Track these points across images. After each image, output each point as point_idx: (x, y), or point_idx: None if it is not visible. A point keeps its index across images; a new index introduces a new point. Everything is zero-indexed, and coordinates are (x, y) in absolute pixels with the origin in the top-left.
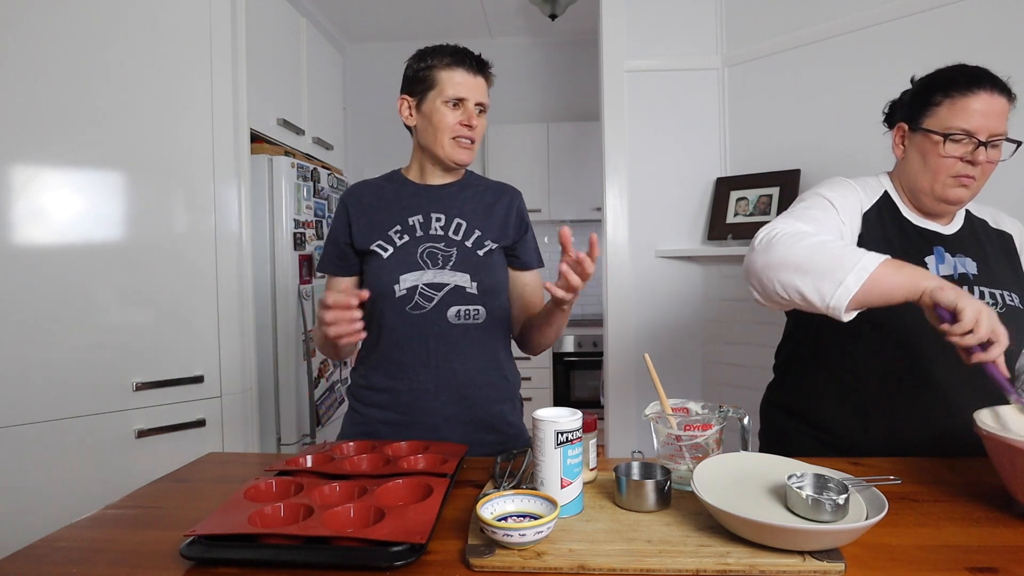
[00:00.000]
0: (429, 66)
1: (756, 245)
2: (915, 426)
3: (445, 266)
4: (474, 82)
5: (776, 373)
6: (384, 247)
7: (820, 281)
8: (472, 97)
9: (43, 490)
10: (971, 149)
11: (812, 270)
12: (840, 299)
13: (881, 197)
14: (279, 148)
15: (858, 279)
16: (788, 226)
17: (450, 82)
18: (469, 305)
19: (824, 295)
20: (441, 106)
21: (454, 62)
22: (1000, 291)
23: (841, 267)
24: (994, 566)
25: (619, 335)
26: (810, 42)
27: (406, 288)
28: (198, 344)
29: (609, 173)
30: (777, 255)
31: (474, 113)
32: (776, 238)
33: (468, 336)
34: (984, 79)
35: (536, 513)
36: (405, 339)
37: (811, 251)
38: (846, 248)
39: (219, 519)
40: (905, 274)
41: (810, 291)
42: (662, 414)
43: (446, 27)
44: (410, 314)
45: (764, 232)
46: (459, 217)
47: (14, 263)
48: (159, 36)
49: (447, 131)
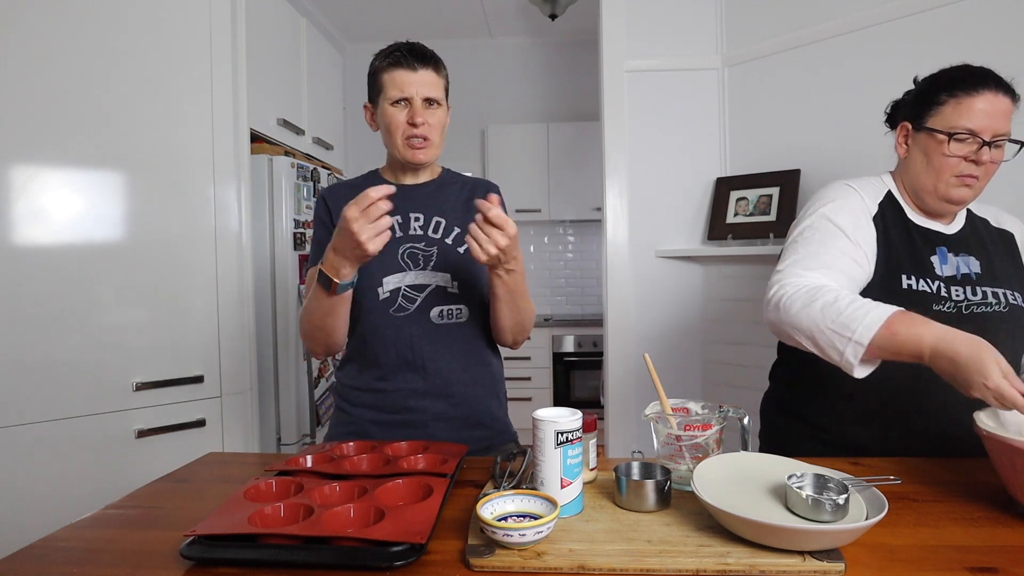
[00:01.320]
0: (375, 69)
1: (768, 306)
2: (914, 426)
3: (426, 266)
4: (415, 77)
5: (775, 373)
6: None
7: (827, 351)
8: (417, 94)
9: (43, 490)
10: (975, 149)
11: (816, 340)
12: (848, 367)
13: (885, 198)
14: (279, 148)
15: (855, 353)
16: (795, 280)
17: (391, 83)
18: (451, 305)
19: (834, 359)
20: (388, 108)
21: (392, 62)
22: (1003, 290)
23: (840, 340)
24: (994, 566)
25: (619, 335)
26: (810, 42)
27: (389, 291)
28: (198, 344)
29: (609, 173)
30: (787, 321)
31: (419, 109)
32: (784, 302)
33: (452, 335)
34: (989, 79)
35: (536, 513)
36: (390, 341)
37: (812, 320)
38: (845, 312)
39: (219, 519)
40: (903, 338)
41: (823, 355)
42: (662, 414)
43: (446, 27)
44: (393, 316)
45: (774, 291)
46: (438, 215)
47: (14, 263)
48: (159, 36)
49: (397, 132)
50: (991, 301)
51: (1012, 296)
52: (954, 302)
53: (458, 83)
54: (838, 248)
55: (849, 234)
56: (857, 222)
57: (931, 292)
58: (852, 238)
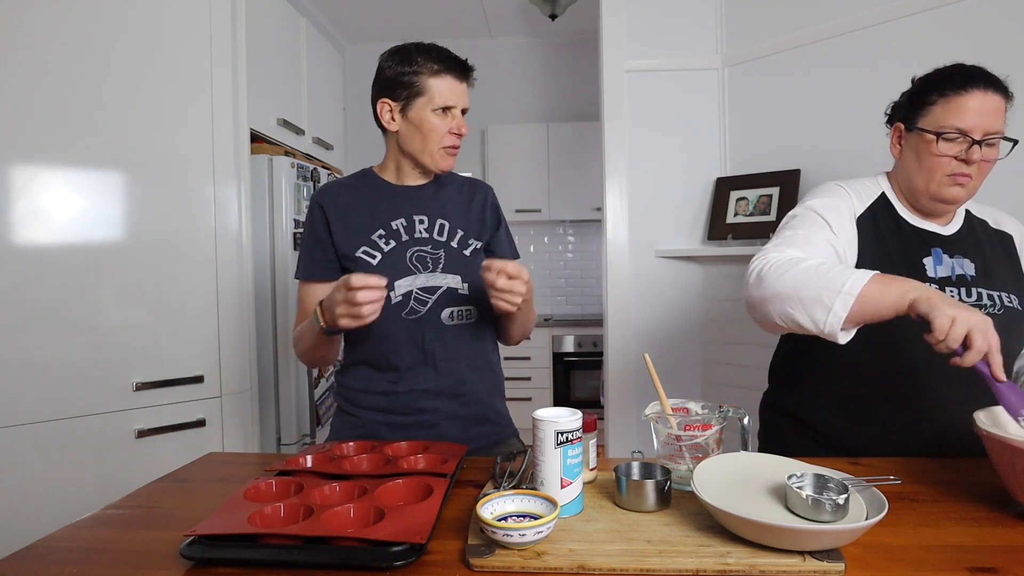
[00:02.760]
0: (415, 71)
1: (749, 279)
2: (911, 428)
3: (436, 269)
4: (461, 88)
5: (773, 375)
6: (371, 254)
7: (811, 309)
8: (460, 104)
9: (43, 490)
10: (965, 148)
11: (802, 298)
12: (832, 325)
13: (877, 199)
14: (279, 148)
15: (845, 304)
16: (778, 254)
17: (438, 90)
18: (462, 306)
19: (817, 322)
20: (431, 115)
21: (443, 69)
22: (998, 292)
23: (828, 293)
24: (994, 566)
25: (619, 335)
26: (810, 42)
27: (401, 294)
28: (198, 344)
29: (609, 173)
30: (769, 288)
31: (463, 121)
32: (765, 270)
33: (461, 336)
34: (978, 77)
35: (536, 513)
36: (401, 343)
37: (798, 279)
38: (832, 271)
39: (219, 519)
40: (892, 290)
41: (804, 319)
42: (662, 414)
43: (446, 27)
44: (405, 319)
45: (755, 264)
46: (441, 218)
47: (14, 263)
48: (159, 36)
49: (438, 140)
50: (985, 303)
51: (1007, 298)
52: None
53: None
54: (821, 236)
55: (833, 227)
56: (842, 219)
57: None
58: (835, 230)
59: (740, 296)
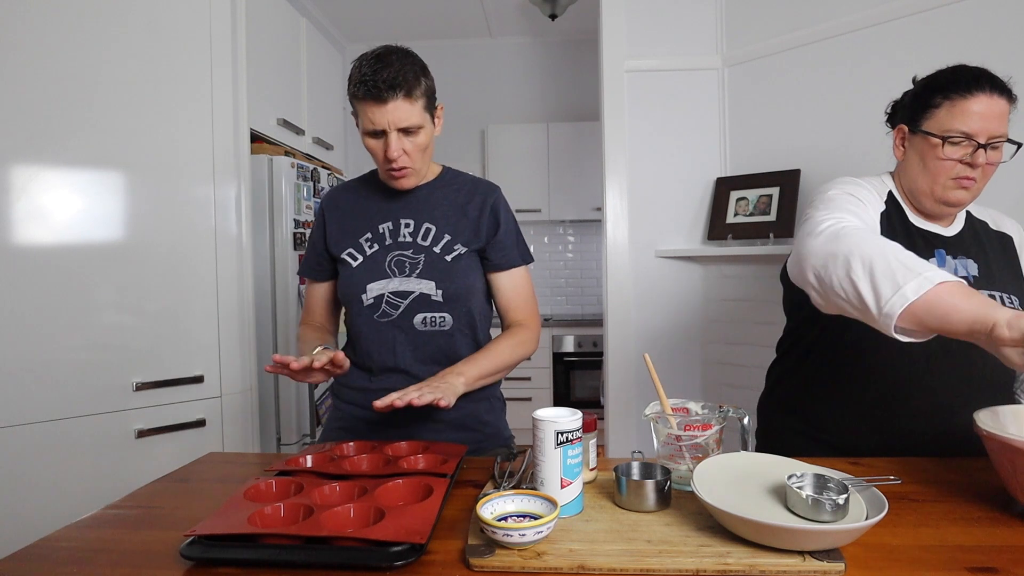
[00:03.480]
0: (351, 93)
1: (819, 231)
2: (911, 428)
3: (411, 274)
4: (387, 110)
5: (773, 373)
6: (354, 256)
7: (882, 281)
8: (391, 125)
9: (43, 490)
10: (970, 151)
11: (878, 268)
12: (894, 306)
13: (887, 198)
14: (279, 148)
15: (918, 288)
16: (849, 218)
17: (364, 115)
18: (435, 312)
19: (881, 297)
20: (365, 137)
21: (362, 93)
22: (1000, 293)
23: (905, 272)
24: (994, 566)
25: (619, 335)
26: (810, 42)
27: (373, 297)
28: (198, 344)
29: (609, 173)
30: (846, 245)
31: (394, 143)
32: (845, 230)
33: (434, 342)
34: (983, 81)
35: (536, 513)
36: (374, 345)
37: (880, 248)
38: (915, 257)
39: (219, 519)
40: (974, 302)
41: (867, 291)
42: (662, 414)
43: (446, 27)
44: (378, 321)
45: (829, 222)
46: (429, 222)
47: (14, 263)
48: (159, 36)
49: (379, 163)
50: None
51: (1008, 299)
52: None
53: (458, 83)
54: (868, 215)
55: (870, 208)
56: (873, 210)
57: None
58: (872, 210)
59: (740, 296)
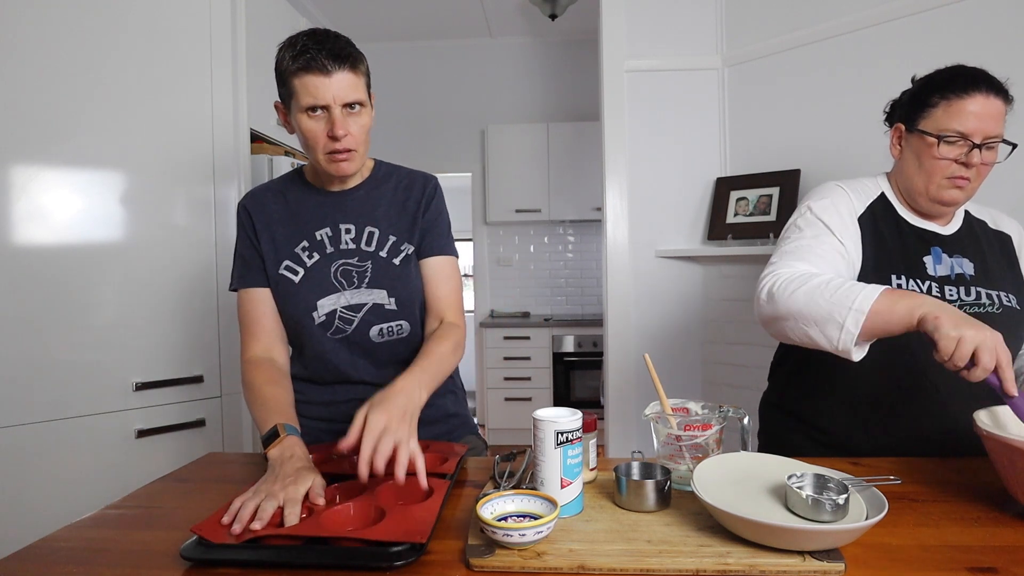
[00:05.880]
0: (282, 70)
1: (760, 297)
2: (911, 427)
3: (361, 284)
4: (332, 82)
5: (773, 374)
6: (294, 269)
7: (824, 327)
8: (335, 101)
9: (43, 490)
10: (965, 151)
11: (814, 317)
12: (846, 343)
13: (876, 199)
14: (279, 148)
15: (856, 321)
16: (787, 270)
17: (304, 89)
18: (391, 322)
19: (831, 340)
20: (304, 118)
21: (302, 65)
22: (997, 292)
23: (839, 310)
24: (994, 566)
25: (619, 335)
26: (810, 42)
27: (324, 314)
28: (198, 344)
29: (609, 173)
30: (781, 307)
31: (340, 120)
32: (776, 288)
33: (393, 351)
34: (980, 81)
35: (536, 513)
36: (330, 362)
37: (809, 298)
38: (842, 288)
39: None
40: (902, 305)
41: (819, 337)
42: (662, 414)
43: (446, 27)
44: (332, 339)
45: (765, 282)
46: (370, 225)
47: (14, 263)
48: (159, 36)
49: (318, 146)
50: (984, 302)
51: (1006, 298)
52: (947, 302)
53: (458, 83)
54: (826, 244)
55: (836, 232)
56: (843, 221)
57: (922, 292)
58: (838, 235)
59: (740, 296)
